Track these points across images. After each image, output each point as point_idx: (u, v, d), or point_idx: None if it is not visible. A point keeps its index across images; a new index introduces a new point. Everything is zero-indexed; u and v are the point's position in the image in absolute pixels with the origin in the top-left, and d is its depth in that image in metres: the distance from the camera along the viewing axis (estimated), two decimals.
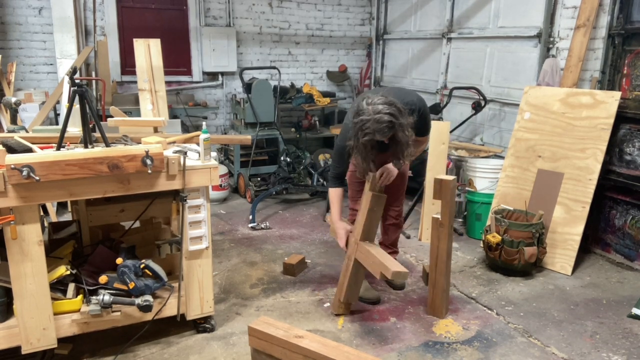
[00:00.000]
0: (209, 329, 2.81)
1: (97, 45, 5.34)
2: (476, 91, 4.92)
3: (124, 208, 2.82)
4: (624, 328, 2.94)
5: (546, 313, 3.10)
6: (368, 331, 2.88)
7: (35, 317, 2.32)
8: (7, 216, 2.17)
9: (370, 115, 2.51)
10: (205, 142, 2.54)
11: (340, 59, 7.08)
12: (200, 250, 2.64)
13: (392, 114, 2.52)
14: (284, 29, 6.64)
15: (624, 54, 3.86)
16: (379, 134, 2.53)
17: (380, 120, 2.49)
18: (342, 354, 2.10)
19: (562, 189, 3.77)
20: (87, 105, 2.38)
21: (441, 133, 4.09)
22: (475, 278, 3.59)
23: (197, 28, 6.12)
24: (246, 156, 5.50)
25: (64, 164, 2.18)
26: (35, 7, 5.38)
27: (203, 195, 2.59)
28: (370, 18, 7.09)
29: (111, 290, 2.48)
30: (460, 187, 4.45)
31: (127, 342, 2.62)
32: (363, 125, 2.53)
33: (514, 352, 2.69)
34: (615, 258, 3.91)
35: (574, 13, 4.19)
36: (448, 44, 5.68)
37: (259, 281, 3.49)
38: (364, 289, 3.23)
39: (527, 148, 4.04)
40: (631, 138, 3.73)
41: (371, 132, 2.52)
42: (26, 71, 5.50)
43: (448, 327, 2.93)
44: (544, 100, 4.00)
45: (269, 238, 4.29)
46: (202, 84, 6.31)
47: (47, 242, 2.82)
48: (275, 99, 5.63)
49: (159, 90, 4.07)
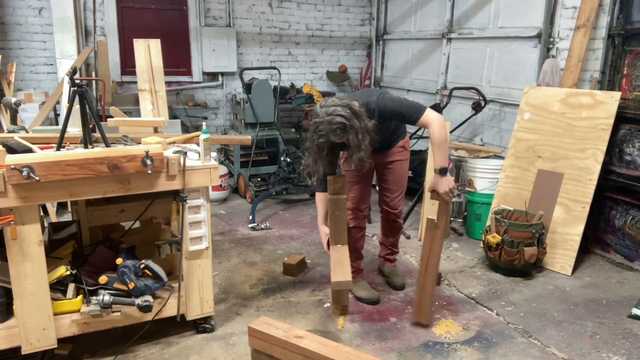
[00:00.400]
0: (209, 329, 2.81)
1: (97, 46, 5.34)
2: (476, 91, 4.92)
3: (124, 208, 2.82)
4: (624, 328, 2.94)
5: (546, 313, 3.10)
6: (368, 331, 2.88)
7: (35, 318, 2.32)
8: (7, 216, 2.17)
9: (323, 117, 2.53)
10: (205, 143, 2.54)
11: (340, 60, 7.09)
12: (200, 250, 2.64)
13: (345, 115, 2.51)
14: (284, 29, 6.64)
15: (624, 54, 3.86)
16: (332, 135, 2.54)
17: (332, 122, 2.51)
18: (342, 354, 2.10)
19: (562, 189, 3.77)
20: (87, 105, 2.38)
21: None
22: (475, 278, 3.59)
23: (197, 28, 6.12)
24: (246, 156, 5.50)
25: (64, 164, 2.18)
26: (35, 7, 5.38)
27: (203, 196, 2.59)
28: (370, 18, 7.09)
29: (111, 291, 2.48)
30: (460, 187, 4.45)
31: (127, 343, 2.62)
32: (317, 127, 2.56)
33: (514, 353, 2.69)
34: (615, 258, 3.91)
35: (574, 13, 4.20)
36: (448, 44, 5.68)
37: (259, 281, 3.49)
38: (362, 289, 3.23)
39: (527, 148, 4.04)
40: (631, 138, 3.73)
41: (324, 134, 2.54)
42: (26, 71, 5.51)
43: (448, 327, 2.93)
44: (544, 101, 4.01)
45: (269, 238, 4.29)
46: (202, 84, 6.31)
47: (47, 242, 2.82)
48: (275, 99, 5.63)
49: (159, 91, 4.07)
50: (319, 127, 2.56)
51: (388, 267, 3.52)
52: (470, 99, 5.09)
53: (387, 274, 3.50)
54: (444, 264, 3.79)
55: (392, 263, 3.53)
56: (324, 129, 2.54)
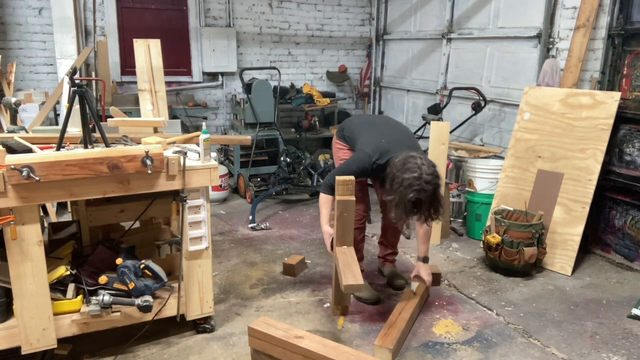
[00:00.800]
0: (209, 329, 2.81)
1: (97, 46, 5.34)
2: (476, 91, 4.92)
3: (123, 208, 2.82)
4: (624, 328, 2.94)
5: (546, 313, 3.10)
6: (368, 331, 2.88)
7: (35, 318, 2.32)
8: (7, 216, 2.17)
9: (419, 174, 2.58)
10: (205, 143, 2.54)
11: (340, 60, 7.09)
12: (200, 250, 2.64)
13: (437, 176, 2.65)
14: (284, 29, 6.64)
15: (624, 54, 3.86)
16: (423, 194, 2.61)
17: (430, 182, 2.60)
18: (342, 354, 2.10)
19: (562, 189, 3.77)
20: (87, 105, 2.38)
21: (441, 133, 4.09)
22: (475, 278, 3.59)
23: (197, 28, 6.12)
24: (246, 156, 5.51)
25: (64, 164, 2.17)
26: (35, 7, 5.38)
27: (203, 196, 2.59)
28: (370, 18, 7.10)
29: (111, 291, 2.48)
30: (460, 187, 4.45)
31: (127, 343, 2.62)
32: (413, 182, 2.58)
33: (514, 353, 2.69)
34: (615, 258, 3.91)
35: (574, 13, 4.20)
36: (448, 45, 5.68)
37: (259, 281, 3.49)
38: (363, 290, 3.22)
39: (527, 148, 4.04)
40: (631, 138, 3.74)
41: (418, 190, 2.58)
42: (26, 71, 5.51)
43: (448, 328, 2.93)
44: (544, 101, 4.01)
45: (268, 238, 4.29)
46: (202, 84, 6.31)
47: (47, 242, 2.82)
48: (275, 99, 5.63)
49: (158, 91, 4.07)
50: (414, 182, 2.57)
51: (388, 267, 3.52)
52: (470, 99, 5.09)
53: (387, 274, 3.50)
54: (444, 264, 3.80)
55: (391, 264, 3.54)
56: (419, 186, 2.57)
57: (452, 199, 4.45)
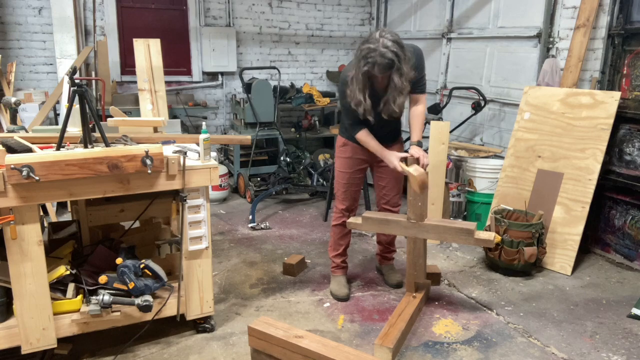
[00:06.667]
0: (209, 329, 2.81)
1: (97, 45, 5.34)
2: (476, 91, 4.92)
3: (123, 208, 2.82)
4: (624, 328, 2.94)
5: (546, 313, 3.11)
6: (368, 331, 2.88)
7: (35, 317, 2.32)
8: (7, 216, 2.17)
9: (377, 47, 2.50)
10: (205, 142, 2.54)
11: (340, 59, 7.08)
12: (200, 250, 2.64)
13: (397, 53, 2.52)
14: (284, 29, 6.64)
15: (624, 54, 3.86)
16: (378, 68, 2.52)
17: (384, 55, 2.49)
18: (342, 354, 2.10)
19: (561, 189, 3.77)
20: (86, 105, 2.38)
21: (441, 133, 4.09)
22: (475, 278, 3.60)
23: (197, 28, 6.12)
24: (246, 156, 5.51)
25: (63, 164, 2.17)
26: (35, 7, 5.38)
27: (203, 195, 2.59)
28: (370, 18, 7.09)
29: (111, 290, 2.48)
30: (460, 187, 4.45)
31: (127, 342, 2.62)
32: (368, 53, 2.51)
33: (514, 352, 2.69)
34: (615, 258, 3.91)
35: (574, 13, 4.20)
36: (448, 44, 5.68)
37: (259, 281, 3.49)
38: (336, 284, 3.28)
39: (526, 148, 4.04)
40: (631, 138, 3.74)
41: (371, 64, 2.50)
42: (26, 71, 5.50)
43: (448, 327, 2.93)
44: (544, 101, 4.01)
45: (268, 238, 4.29)
46: (202, 84, 6.31)
47: (47, 242, 2.82)
48: (275, 99, 5.63)
49: (158, 90, 4.08)
50: (369, 54, 2.50)
51: (386, 265, 3.53)
52: (470, 98, 5.09)
53: (385, 272, 3.50)
54: (443, 264, 3.80)
55: (389, 261, 3.54)
56: (373, 59, 2.49)
57: (452, 199, 4.44)
